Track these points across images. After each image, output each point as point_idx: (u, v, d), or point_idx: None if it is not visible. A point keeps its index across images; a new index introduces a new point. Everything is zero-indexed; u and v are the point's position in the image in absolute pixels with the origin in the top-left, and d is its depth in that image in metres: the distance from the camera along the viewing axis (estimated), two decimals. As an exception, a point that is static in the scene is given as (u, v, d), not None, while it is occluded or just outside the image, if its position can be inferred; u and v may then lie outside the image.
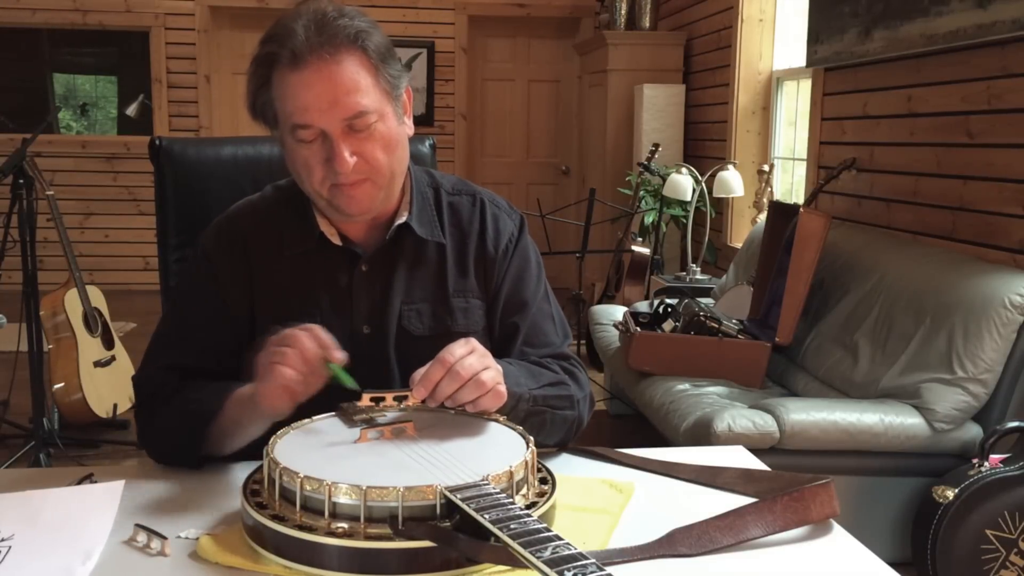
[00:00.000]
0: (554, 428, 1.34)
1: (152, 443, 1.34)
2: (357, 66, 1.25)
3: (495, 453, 1.08)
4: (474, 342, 1.17)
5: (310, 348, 1.13)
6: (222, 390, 1.25)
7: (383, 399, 1.16)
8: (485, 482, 0.98)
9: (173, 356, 1.37)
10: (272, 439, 1.11)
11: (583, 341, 4.55)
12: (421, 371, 1.14)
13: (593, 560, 0.79)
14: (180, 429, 1.27)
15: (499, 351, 1.37)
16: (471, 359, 1.14)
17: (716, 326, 3.27)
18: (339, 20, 1.25)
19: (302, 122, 1.24)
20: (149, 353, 1.40)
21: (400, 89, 1.32)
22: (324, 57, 1.23)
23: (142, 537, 1.04)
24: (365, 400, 1.14)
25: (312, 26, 1.24)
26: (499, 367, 1.19)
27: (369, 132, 1.26)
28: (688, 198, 4.89)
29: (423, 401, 1.15)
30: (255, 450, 1.13)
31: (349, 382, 1.15)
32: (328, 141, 1.25)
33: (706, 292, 4.24)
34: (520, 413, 1.24)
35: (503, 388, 1.18)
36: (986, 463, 2.42)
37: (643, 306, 3.94)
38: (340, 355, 1.15)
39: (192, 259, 1.43)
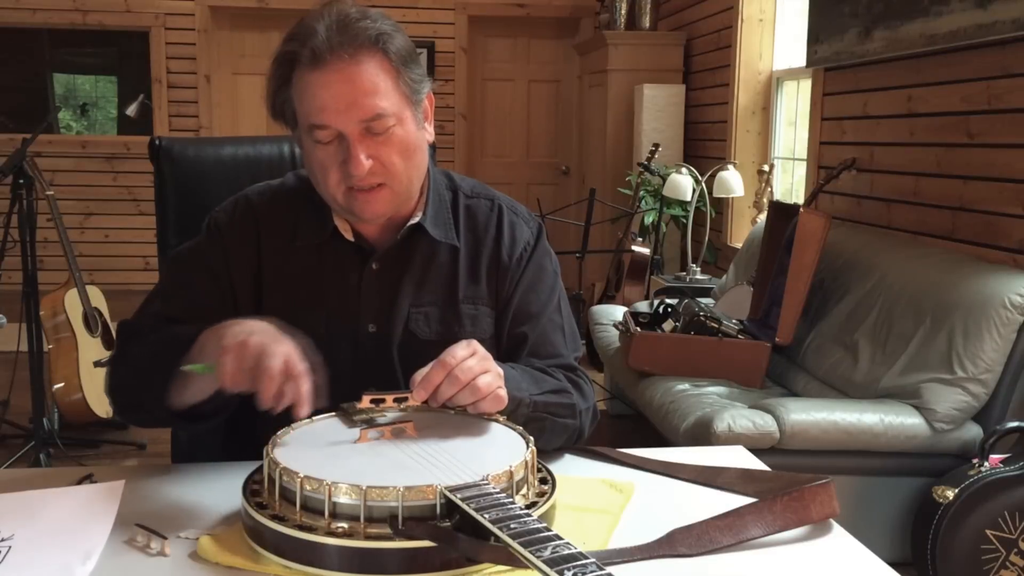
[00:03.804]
0: (553, 435, 1.33)
1: (120, 381, 1.30)
2: (377, 68, 1.24)
3: (495, 453, 1.08)
4: (476, 344, 1.16)
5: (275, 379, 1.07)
6: (204, 325, 1.19)
7: (383, 400, 1.16)
8: (485, 482, 0.98)
9: (163, 307, 1.36)
10: (272, 439, 1.11)
11: (583, 341, 4.54)
12: (422, 372, 1.14)
13: (593, 560, 0.79)
14: (154, 358, 1.22)
15: (505, 360, 1.36)
16: (471, 362, 1.13)
17: (716, 326, 3.27)
18: (361, 22, 1.25)
19: (319, 122, 1.24)
20: (141, 307, 1.39)
21: (421, 94, 1.31)
22: (344, 57, 1.22)
23: (142, 537, 1.04)
24: (365, 402, 1.14)
25: (334, 26, 1.23)
26: (500, 371, 1.18)
27: (387, 136, 1.26)
28: (688, 198, 4.89)
29: (424, 402, 1.15)
30: (255, 450, 1.12)
31: (201, 370, 1.12)
32: (345, 143, 1.25)
33: (706, 292, 4.24)
34: (520, 418, 1.24)
35: (503, 392, 1.17)
36: (986, 463, 2.42)
37: (643, 306, 3.94)
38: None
39: (204, 229, 1.41)
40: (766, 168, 4.59)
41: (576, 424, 1.36)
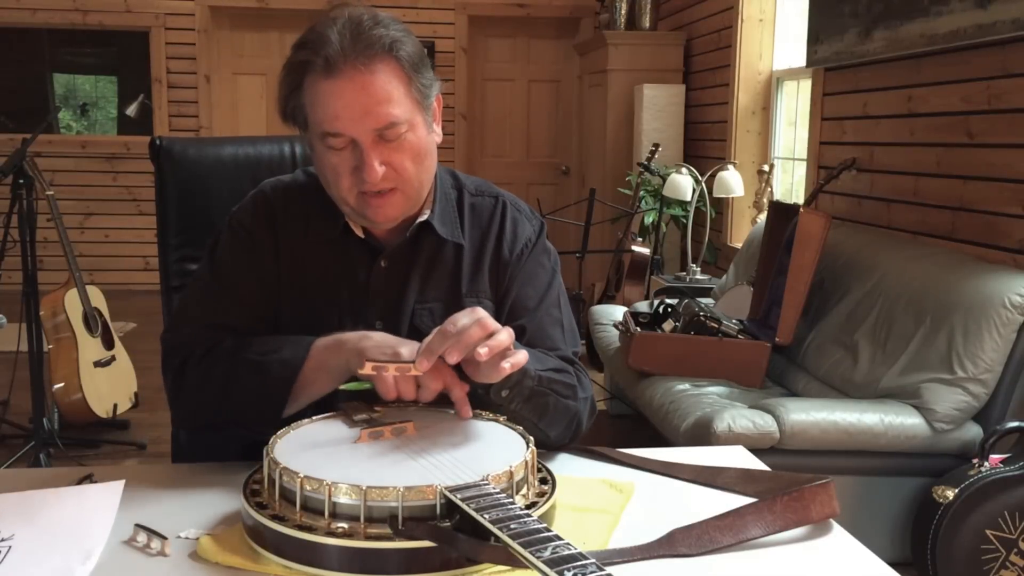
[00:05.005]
0: (556, 416, 1.32)
1: (207, 402, 1.31)
2: (390, 76, 1.25)
3: (495, 453, 1.08)
4: (479, 311, 1.15)
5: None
6: (304, 340, 1.25)
7: (385, 369, 1.14)
8: (485, 482, 0.98)
9: (220, 316, 1.36)
10: (272, 439, 1.11)
11: (583, 341, 4.54)
12: (426, 340, 1.14)
13: (593, 560, 0.79)
14: (262, 380, 1.24)
15: None
16: (491, 320, 1.13)
17: (716, 326, 3.27)
18: (374, 29, 1.24)
19: (333, 130, 1.24)
20: (182, 315, 1.39)
21: (431, 98, 1.31)
22: (358, 67, 1.23)
23: (142, 537, 1.04)
24: (368, 368, 1.13)
25: (347, 34, 1.23)
26: (512, 331, 1.17)
27: (399, 142, 1.26)
28: (688, 198, 4.89)
29: (425, 400, 1.15)
30: (255, 450, 1.13)
31: (358, 387, 1.20)
32: (358, 149, 1.25)
33: (706, 292, 4.24)
34: (525, 390, 1.23)
35: (523, 352, 1.16)
36: (986, 463, 2.42)
37: (643, 306, 3.94)
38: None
39: (228, 230, 1.41)
40: (766, 168, 4.59)
41: (577, 407, 1.35)
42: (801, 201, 4.10)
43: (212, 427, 1.36)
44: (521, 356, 1.15)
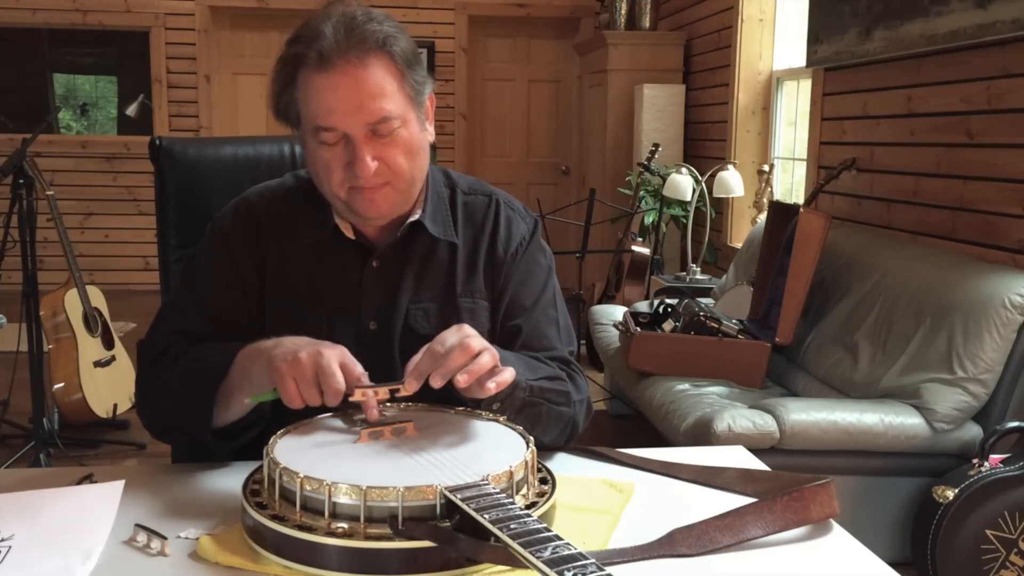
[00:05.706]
0: (549, 423, 1.32)
1: (156, 407, 1.32)
2: (383, 71, 1.25)
3: (495, 453, 1.08)
4: (467, 328, 1.15)
5: (337, 386, 1.10)
6: (234, 346, 1.23)
7: (375, 393, 1.15)
8: (485, 482, 0.98)
9: (181, 322, 1.36)
10: (272, 439, 1.11)
11: (583, 341, 4.55)
12: (413, 360, 1.13)
13: (593, 560, 0.79)
14: (190, 384, 1.25)
15: None
16: (476, 340, 1.13)
17: (716, 326, 3.27)
18: (368, 24, 1.25)
19: (326, 124, 1.25)
20: (156, 321, 1.40)
21: (424, 95, 1.32)
22: (351, 61, 1.23)
23: (142, 537, 1.04)
24: (357, 395, 1.13)
25: (341, 29, 1.24)
26: (495, 351, 1.16)
27: (392, 138, 1.26)
28: (688, 198, 4.89)
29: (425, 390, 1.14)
30: (255, 450, 1.13)
31: (265, 398, 1.17)
32: (350, 144, 1.25)
33: (706, 292, 4.24)
34: (516, 402, 1.23)
35: (508, 372, 1.15)
36: (986, 463, 2.42)
37: (643, 306, 3.94)
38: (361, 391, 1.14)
39: (207, 236, 1.42)
40: (766, 168, 4.59)
41: (571, 413, 1.35)
42: (801, 201, 4.10)
43: (166, 435, 1.36)
44: (507, 375, 1.14)
